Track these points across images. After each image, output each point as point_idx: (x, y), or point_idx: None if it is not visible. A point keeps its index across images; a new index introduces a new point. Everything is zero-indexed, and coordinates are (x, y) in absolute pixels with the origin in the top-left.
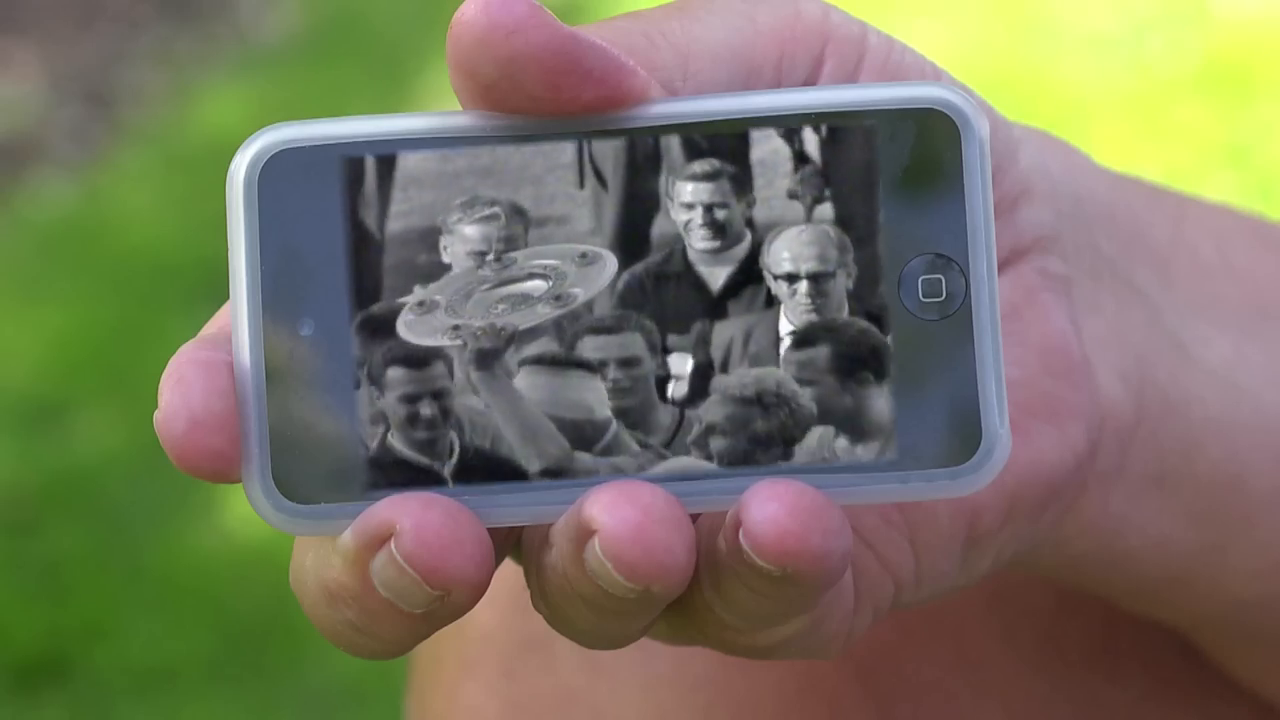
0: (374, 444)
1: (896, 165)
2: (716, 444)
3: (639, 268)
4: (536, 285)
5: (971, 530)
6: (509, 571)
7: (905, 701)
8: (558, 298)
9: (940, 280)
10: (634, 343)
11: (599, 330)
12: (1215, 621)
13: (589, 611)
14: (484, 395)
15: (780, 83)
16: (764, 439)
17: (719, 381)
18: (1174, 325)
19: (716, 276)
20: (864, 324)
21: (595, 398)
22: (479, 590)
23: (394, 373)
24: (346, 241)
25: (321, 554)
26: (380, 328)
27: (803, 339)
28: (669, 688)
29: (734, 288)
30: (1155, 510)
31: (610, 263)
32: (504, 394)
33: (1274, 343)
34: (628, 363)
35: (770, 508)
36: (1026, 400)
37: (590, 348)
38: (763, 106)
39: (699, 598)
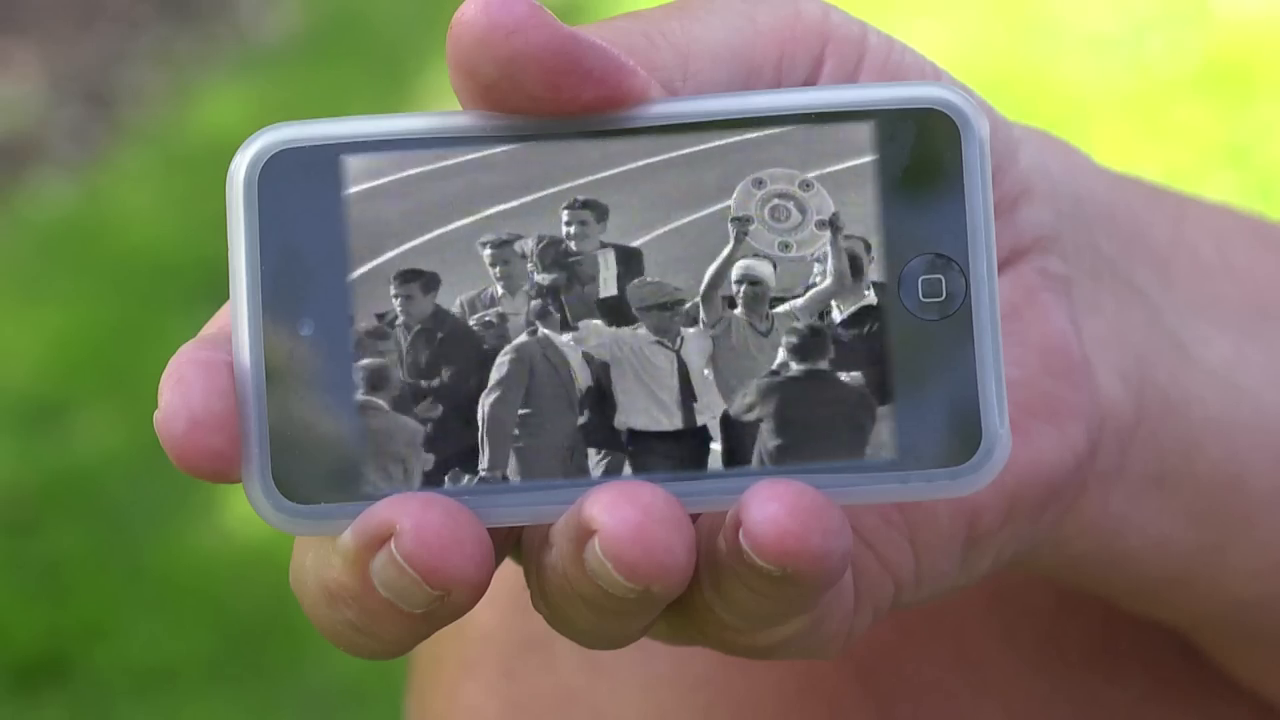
0: None
1: (896, 165)
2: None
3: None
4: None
5: (971, 530)
6: (509, 571)
7: (905, 701)
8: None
9: (940, 280)
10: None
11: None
12: (1215, 621)
13: (589, 611)
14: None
15: (780, 83)
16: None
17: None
18: (1174, 325)
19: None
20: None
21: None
22: (479, 590)
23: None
24: (346, 241)
25: (321, 554)
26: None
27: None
28: (669, 688)
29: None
30: (1155, 510)
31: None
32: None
33: (1274, 343)
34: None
35: (770, 508)
36: (1026, 400)
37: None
38: (763, 106)
39: (699, 598)
